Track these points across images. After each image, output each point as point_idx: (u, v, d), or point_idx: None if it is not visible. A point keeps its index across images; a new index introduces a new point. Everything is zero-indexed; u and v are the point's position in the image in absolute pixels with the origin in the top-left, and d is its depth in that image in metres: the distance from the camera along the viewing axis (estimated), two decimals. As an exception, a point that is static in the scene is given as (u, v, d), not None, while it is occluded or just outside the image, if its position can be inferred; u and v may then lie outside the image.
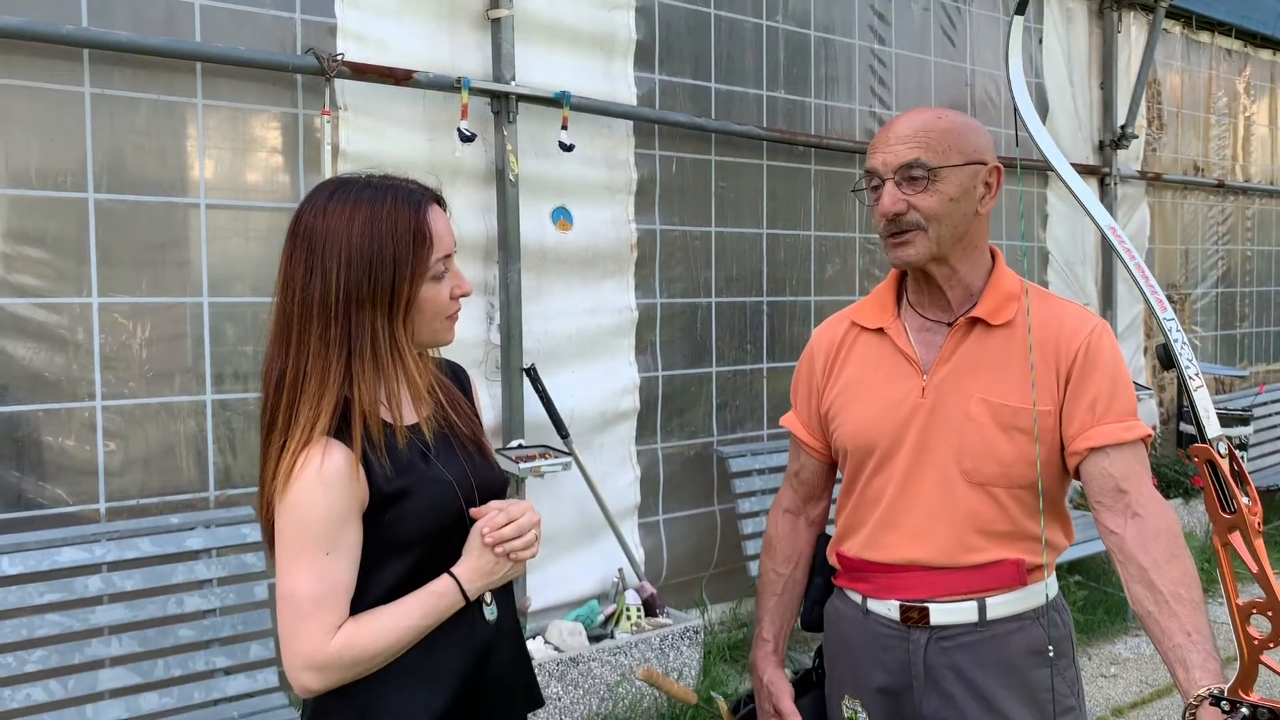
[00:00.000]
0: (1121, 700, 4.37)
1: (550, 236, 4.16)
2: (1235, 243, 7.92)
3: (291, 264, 1.53)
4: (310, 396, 1.50)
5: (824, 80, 5.10)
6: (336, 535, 1.48)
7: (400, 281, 1.51)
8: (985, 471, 1.78)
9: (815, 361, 2.02)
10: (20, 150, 3.11)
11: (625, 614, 4.06)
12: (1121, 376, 1.78)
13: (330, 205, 1.53)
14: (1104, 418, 1.74)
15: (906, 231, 1.77)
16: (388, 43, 3.71)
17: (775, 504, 2.15)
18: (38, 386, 3.14)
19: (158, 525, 3.22)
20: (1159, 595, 1.62)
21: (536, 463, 3.81)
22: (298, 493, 1.47)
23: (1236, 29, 7.61)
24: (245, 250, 3.49)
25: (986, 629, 1.81)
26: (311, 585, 1.47)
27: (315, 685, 1.49)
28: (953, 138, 1.76)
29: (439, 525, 1.57)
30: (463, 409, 1.71)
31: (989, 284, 1.84)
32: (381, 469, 1.51)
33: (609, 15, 4.28)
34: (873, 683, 1.89)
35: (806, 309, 5.09)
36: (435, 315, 1.58)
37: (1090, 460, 1.74)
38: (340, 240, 1.50)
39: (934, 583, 1.82)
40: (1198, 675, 1.54)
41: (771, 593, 2.09)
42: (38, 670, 2.94)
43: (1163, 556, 1.65)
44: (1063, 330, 1.79)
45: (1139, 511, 1.69)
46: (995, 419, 1.77)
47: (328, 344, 1.51)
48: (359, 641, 1.48)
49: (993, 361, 1.80)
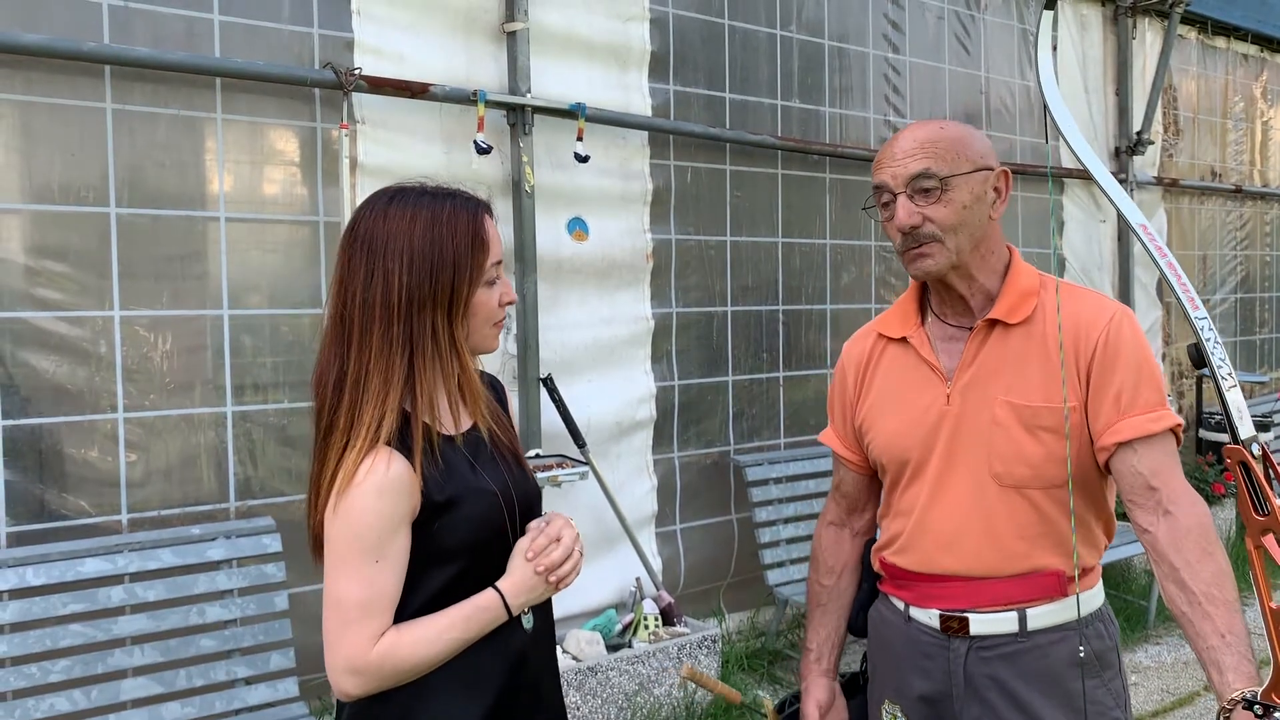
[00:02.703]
0: (1143, 709, 4.35)
1: (566, 247, 4.18)
2: (1254, 248, 7.87)
3: (350, 267, 1.55)
4: (374, 396, 1.51)
5: (838, 89, 5.11)
6: (387, 544, 1.50)
7: (460, 283, 1.55)
8: (1016, 474, 1.76)
9: (847, 377, 2.02)
10: (43, 165, 3.15)
11: (643, 623, 4.06)
12: (1147, 365, 1.74)
13: (391, 209, 1.56)
14: (1130, 410, 1.71)
15: (924, 244, 1.77)
16: (404, 56, 3.75)
17: (821, 517, 2.16)
18: (61, 399, 3.18)
19: (179, 536, 3.25)
20: (1191, 595, 1.60)
21: (554, 472, 3.82)
22: (355, 500, 1.48)
23: (1253, 34, 7.59)
24: (264, 262, 3.53)
25: (1027, 639, 1.79)
26: (359, 592, 1.48)
27: (354, 690, 1.51)
28: (959, 146, 1.76)
29: (483, 536, 1.58)
30: (502, 421, 1.73)
31: (1005, 283, 1.83)
32: (435, 478, 1.53)
33: (623, 27, 4.31)
34: (914, 690, 1.89)
35: (822, 317, 5.09)
36: (486, 320, 1.61)
37: (1119, 456, 1.72)
38: (402, 242, 1.53)
39: (974, 593, 1.81)
40: (1231, 678, 1.52)
41: (816, 604, 2.10)
42: (61, 680, 2.96)
43: (1194, 555, 1.63)
44: (1080, 322, 1.76)
45: (1170, 508, 1.67)
46: (1020, 420, 1.76)
47: (390, 343, 1.53)
48: (400, 650, 1.50)
49: (1014, 362, 1.78)
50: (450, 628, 1.53)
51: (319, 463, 1.55)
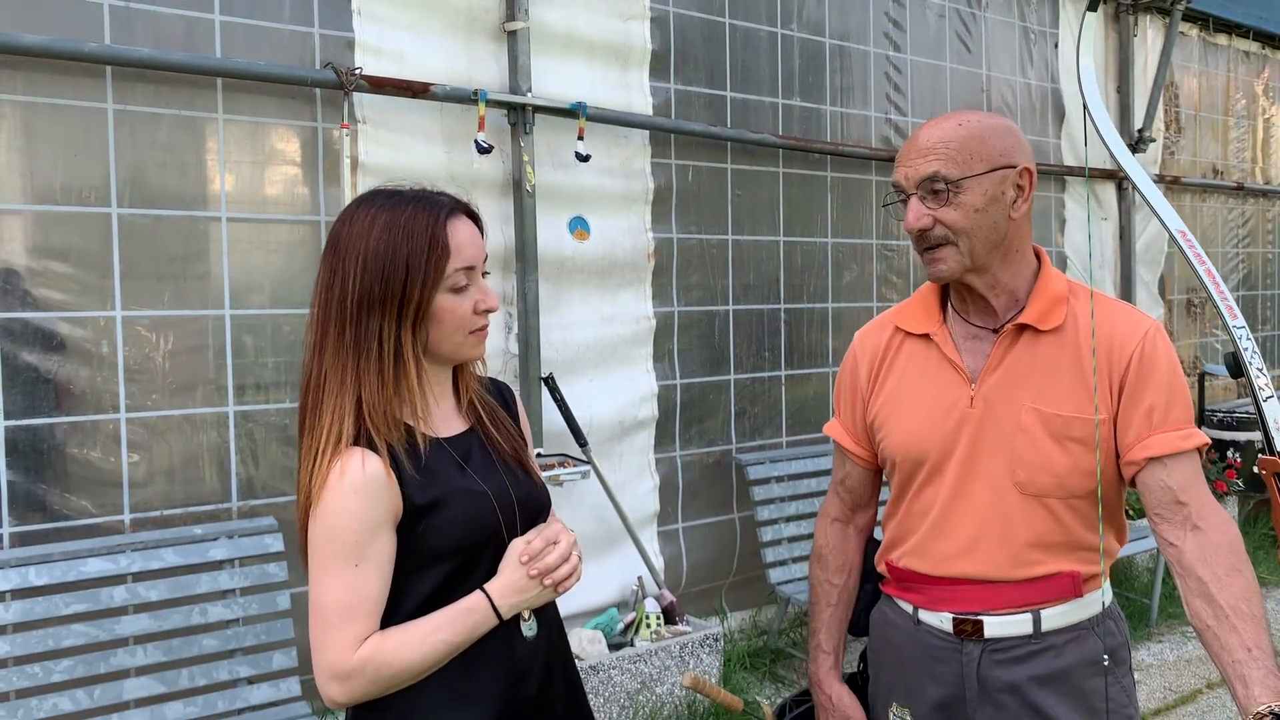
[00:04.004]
0: (1145, 706, 4.34)
1: (568, 246, 4.18)
2: (1256, 245, 7.87)
3: (321, 270, 1.56)
4: (331, 399, 1.50)
5: (839, 88, 5.11)
6: (366, 546, 1.47)
7: (411, 287, 1.50)
8: (1040, 483, 1.74)
9: (860, 368, 1.96)
10: (45, 166, 3.15)
11: (645, 622, 4.06)
12: (1178, 382, 1.73)
13: (357, 212, 1.55)
14: (1161, 426, 1.70)
15: (938, 246, 1.73)
16: (405, 56, 3.75)
17: (822, 513, 2.10)
18: (63, 399, 3.18)
19: (181, 536, 3.25)
20: (1219, 610, 1.58)
21: (555, 471, 3.83)
22: (329, 502, 1.47)
23: (1254, 31, 7.58)
24: (266, 262, 3.53)
25: (1041, 640, 1.77)
26: (339, 596, 1.47)
27: (339, 697, 1.48)
28: (974, 145, 1.70)
29: (473, 538, 1.55)
30: (505, 426, 1.70)
31: (1035, 287, 1.79)
32: (415, 480, 1.51)
33: (624, 26, 4.30)
34: (926, 695, 1.85)
35: (824, 316, 5.09)
36: (456, 329, 1.56)
37: (1148, 471, 1.70)
38: (360, 244, 1.51)
39: (988, 596, 1.78)
40: (1257, 691, 1.50)
41: (827, 603, 2.04)
42: (64, 680, 2.97)
43: (1223, 570, 1.61)
44: (1114, 334, 1.74)
45: (1199, 524, 1.66)
46: (1048, 429, 1.73)
47: (344, 347, 1.51)
48: (382, 655, 1.47)
49: (1044, 369, 1.75)
50: (435, 630, 1.50)
51: (299, 465, 1.55)
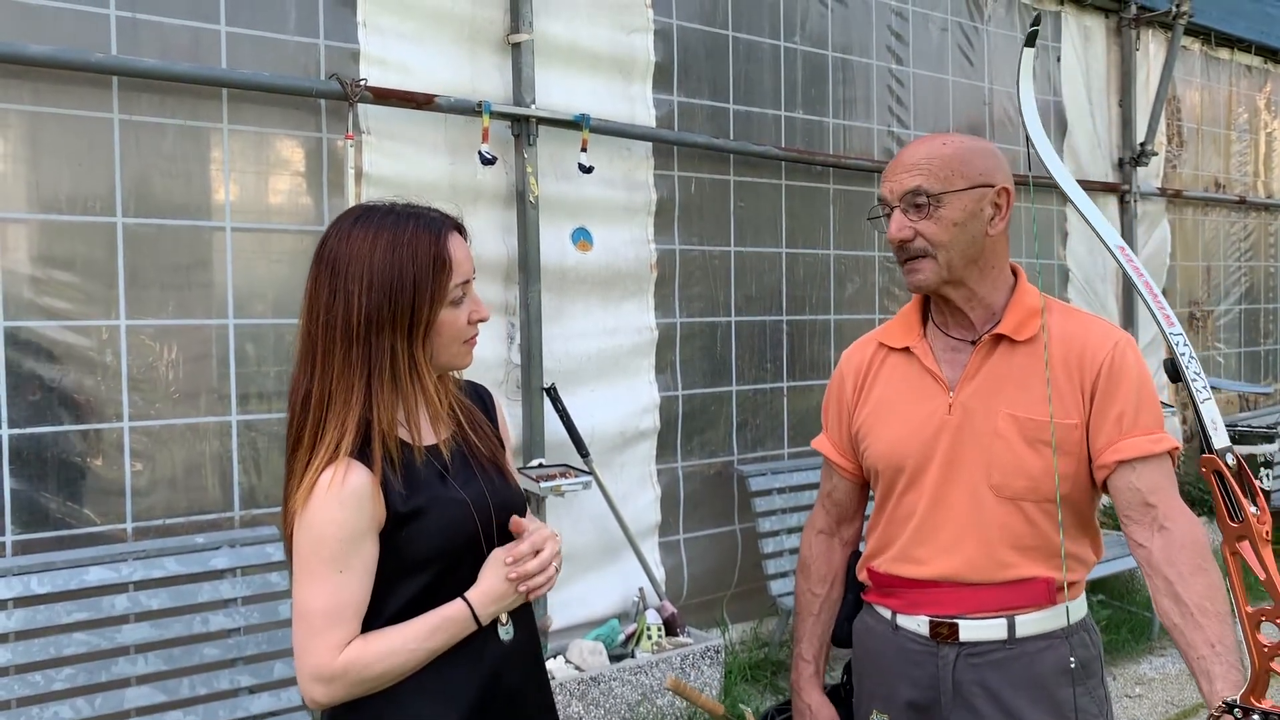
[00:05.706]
0: (1147, 720, 4.34)
1: (570, 257, 4.19)
2: (1258, 259, 7.87)
3: (316, 288, 1.58)
4: (336, 415, 1.54)
5: (842, 100, 5.13)
6: (351, 554, 1.52)
7: (420, 305, 1.55)
8: (1014, 486, 1.80)
9: (845, 383, 2.04)
10: (50, 176, 3.17)
11: (646, 633, 4.06)
12: (1147, 389, 1.80)
13: (354, 231, 1.58)
14: (1131, 431, 1.77)
15: (917, 258, 1.82)
16: (410, 67, 3.77)
17: (808, 525, 2.16)
18: (66, 407, 3.19)
19: (183, 545, 3.25)
20: (1184, 608, 1.65)
21: (557, 482, 3.83)
22: (315, 510, 1.51)
23: (1256, 45, 7.60)
24: (270, 272, 3.54)
25: (1015, 646, 1.82)
26: (323, 601, 1.51)
27: (322, 698, 1.54)
28: (956, 163, 1.79)
29: (453, 544, 1.60)
30: (483, 430, 1.74)
31: (1011, 301, 1.87)
32: (398, 489, 1.55)
33: (627, 38, 4.33)
34: (901, 697, 1.90)
35: (826, 327, 5.09)
36: (453, 339, 1.62)
37: (1118, 474, 1.77)
38: (363, 265, 1.54)
39: (964, 599, 1.83)
40: (1219, 686, 1.57)
41: (810, 613, 2.11)
42: (65, 688, 2.97)
43: (1188, 569, 1.68)
44: (1087, 345, 1.81)
45: (1166, 525, 1.72)
46: (1022, 434, 1.79)
47: (350, 365, 1.55)
48: (364, 659, 1.52)
49: (1019, 377, 1.82)
50: (416, 637, 1.55)
51: (288, 476, 1.58)
